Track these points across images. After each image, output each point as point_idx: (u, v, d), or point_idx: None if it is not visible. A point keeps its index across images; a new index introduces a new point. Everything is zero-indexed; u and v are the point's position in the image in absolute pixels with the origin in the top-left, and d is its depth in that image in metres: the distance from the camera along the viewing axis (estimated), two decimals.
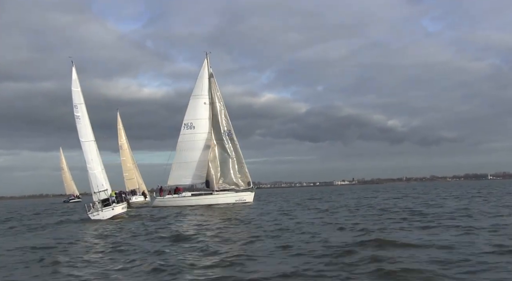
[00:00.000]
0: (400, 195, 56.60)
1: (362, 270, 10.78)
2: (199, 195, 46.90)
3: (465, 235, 15.74)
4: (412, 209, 29.05)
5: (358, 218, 23.69)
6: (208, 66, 48.72)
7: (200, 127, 47.64)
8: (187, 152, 47.75)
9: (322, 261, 12.05)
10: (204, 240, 16.82)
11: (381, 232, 17.12)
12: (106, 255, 14.74)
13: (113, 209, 31.84)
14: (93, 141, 33.12)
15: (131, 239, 18.72)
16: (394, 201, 40.27)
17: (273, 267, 11.44)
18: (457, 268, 10.52)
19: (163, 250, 14.78)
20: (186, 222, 26.49)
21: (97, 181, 32.39)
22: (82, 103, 32.83)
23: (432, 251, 12.66)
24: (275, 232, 18.71)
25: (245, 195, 46.38)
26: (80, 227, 26.45)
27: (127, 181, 63.97)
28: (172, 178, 48.18)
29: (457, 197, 44.64)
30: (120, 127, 64.99)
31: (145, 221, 27.97)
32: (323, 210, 32.06)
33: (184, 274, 11.16)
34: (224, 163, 47.05)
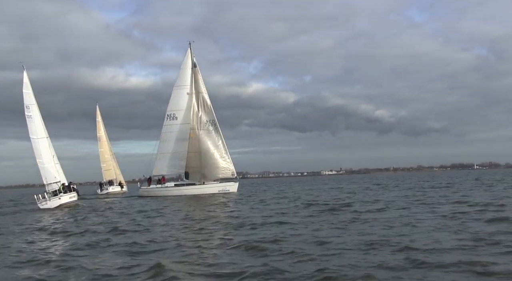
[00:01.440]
0: (365, 186, 56.74)
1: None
2: (181, 186, 47.02)
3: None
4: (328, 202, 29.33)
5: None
6: (192, 56, 48.50)
7: (183, 118, 47.58)
8: (170, 143, 47.84)
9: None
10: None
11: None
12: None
13: (60, 199, 34.85)
14: (45, 138, 36.27)
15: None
16: (344, 193, 40.37)
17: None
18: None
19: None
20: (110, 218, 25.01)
21: (47, 174, 35.33)
22: (34, 104, 36.11)
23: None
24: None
25: (229, 185, 46.53)
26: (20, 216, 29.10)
27: (105, 172, 65.51)
28: (156, 168, 48.51)
29: (408, 188, 45.09)
30: (98, 119, 66.72)
31: (81, 213, 28.62)
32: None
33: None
34: (207, 153, 46.88)
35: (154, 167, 48.60)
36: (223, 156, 47.05)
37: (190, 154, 47.01)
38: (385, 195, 34.86)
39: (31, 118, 35.59)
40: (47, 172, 35.53)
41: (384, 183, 63.81)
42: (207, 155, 46.86)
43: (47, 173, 35.51)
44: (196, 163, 47.00)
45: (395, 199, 29.51)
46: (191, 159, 47.02)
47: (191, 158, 47.01)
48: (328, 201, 30.00)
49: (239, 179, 48.87)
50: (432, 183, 54.79)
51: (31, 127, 35.56)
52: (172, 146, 47.72)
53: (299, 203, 29.15)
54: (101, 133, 66.42)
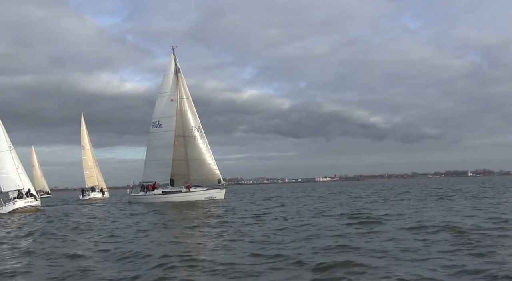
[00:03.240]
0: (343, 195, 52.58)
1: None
2: (169, 193, 46.65)
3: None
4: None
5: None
6: (175, 61, 48.11)
7: (167, 125, 47.16)
8: (157, 150, 47.54)
9: None
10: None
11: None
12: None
13: (14, 204, 37.50)
14: (8, 150, 39.54)
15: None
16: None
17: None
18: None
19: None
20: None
21: (9, 182, 38.67)
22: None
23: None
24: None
25: (215, 193, 46.12)
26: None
27: (87, 179, 69.07)
28: (145, 175, 48.35)
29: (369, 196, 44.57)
30: (83, 128, 70.07)
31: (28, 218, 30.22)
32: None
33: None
34: (192, 160, 46.45)
35: (142, 174, 48.45)
36: (210, 162, 46.62)
37: (175, 162, 46.47)
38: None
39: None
40: (10, 181, 38.76)
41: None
42: (193, 162, 46.38)
43: (9, 181, 38.75)
44: (181, 171, 46.51)
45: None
46: (176, 166, 46.53)
47: (176, 166, 46.51)
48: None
49: (226, 186, 48.45)
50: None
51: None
52: (159, 153, 47.33)
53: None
54: (85, 142, 69.81)
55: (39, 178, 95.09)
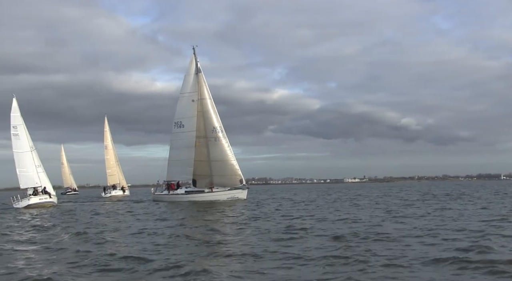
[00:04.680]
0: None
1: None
2: (191, 193, 46.93)
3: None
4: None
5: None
6: (196, 61, 48.11)
7: (189, 126, 47.32)
8: (179, 150, 47.78)
9: None
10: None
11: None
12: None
13: (29, 200, 41.89)
14: (29, 151, 43.93)
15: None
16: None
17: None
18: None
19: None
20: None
21: (28, 180, 43.03)
22: (21, 124, 44.15)
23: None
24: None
25: (238, 193, 46.15)
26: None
27: (109, 177, 71.69)
28: (168, 174, 48.87)
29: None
30: (106, 129, 72.98)
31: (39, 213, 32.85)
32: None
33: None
34: (214, 161, 46.48)
35: (166, 173, 48.94)
36: (232, 163, 46.65)
37: (196, 162, 46.74)
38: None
39: (18, 136, 43.68)
40: (29, 179, 43.13)
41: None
42: (215, 163, 46.40)
43: (28, 179, 43.11)
44: (203, 171, 46.66)
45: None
46: (198, 167, 46.76)
47: (198, 166, 46.76)
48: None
49: (248, 186, 48.37)
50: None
51: (16, 143, 43.57)
52: (181, 153, 47.56)
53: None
54: (107, 142, 72.79)
55: (67, 175, 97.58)
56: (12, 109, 44.17)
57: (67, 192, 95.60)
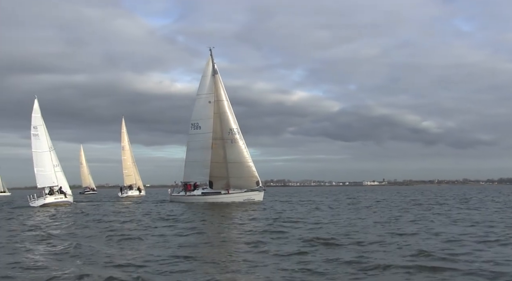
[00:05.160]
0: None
1: None
2: (208, 194, 46.96)
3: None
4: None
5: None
6: (213, 63, 48.00)
7: (206, 127, 47.27)
8: (196, 152, 47.85)
9: None
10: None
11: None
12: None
13: (44, 199, 43.39)
14: (48, 151, 45.53)
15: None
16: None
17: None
18: None
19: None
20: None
21: (45, 179, 44.54)
22: (41, 125, 45.62)
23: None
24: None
25: (254, 195, 46.04)
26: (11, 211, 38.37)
27: (126, 177, 73.15)
28: (185, 175, 48.98)
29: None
30: (123, 130, 74.37)
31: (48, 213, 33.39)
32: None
33: None
34: (230, 163, 46.32)
35: (183, 174, 49.08)
36: (248, 165, 46.51)
37: (213, 164, 46.59)
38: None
39: (37, 136, 45.12)
40: (46, 178, 44.64)
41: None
42: (232, 165, 46.25)
43: (45, 178, 44.61)
44: (219, 173, 46.53)
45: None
46: (214, 168, 46.62)
47: (214, 168, 46.62)
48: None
49: (264, 188, 48.20)
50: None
51: (36, 143, 44.95)
52: (197, 154, 47.63)
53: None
54: (124, 143, 74.30)
55: (85, 175, 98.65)
56: (34, 110, 45.72)
57: (85, 191, 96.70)
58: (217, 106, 46.93)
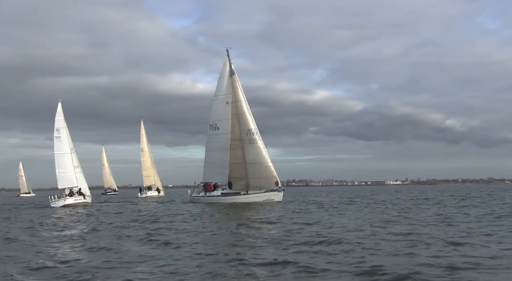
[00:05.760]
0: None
1: None
2: (228, 195, 47.02)
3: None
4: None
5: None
6: (230, 63, 47.89)
7: (224, 128, 47.30)
8: (215, 152, 47.97)
9: None
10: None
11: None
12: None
13: (64, 200, 45.57)
14: (69, 153, 47.51)
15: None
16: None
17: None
18: None
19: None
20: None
21: (66, 181, 46.72)
22: (64, 127, 47.62)
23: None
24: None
25: (273, 195, 45.92)
26: (32, 210, 41.73)
27: (145, 178, 75.14)
28: (204, 175, 49.20)
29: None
30: (142, 133, 75.80)
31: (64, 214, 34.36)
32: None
33: None
34: (249, 164, 46.20)
35: (202, 175, 49.30)
36: (267, 165, 46.37)
37: (232, 165, 46.58)
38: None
39: (60, 139, 47.20)
40: (67, 179, 46.81)
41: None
42: (251, 165, 46.13)
43: (66, 180, 46.79)
44: (238, 173, 46.50)
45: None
46: (234, 169, 46.62)
47: (233, 169, 46.61)
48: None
49: (283, 188, 48.04)
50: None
51: (58, 145, 47.15)
52: (216, 155, 47.71)
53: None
54: (143, 145, 76.01)
55: (107, 176, 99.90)
56: (57, 113, 47.73)
57: (107, 192, 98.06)
58: (235, 106, 46.87)
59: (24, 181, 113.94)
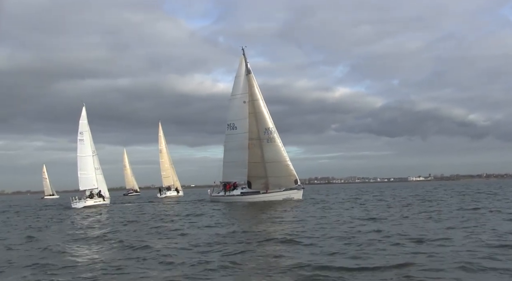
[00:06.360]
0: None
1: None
2: (247, 194, 47.12)
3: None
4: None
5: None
6: (246, 62, 47.82)
7: (241, 127, 47.31)
8: (233, 152, 48.01)
9: None
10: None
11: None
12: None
13: (85, 202, 47.36)
14: (91, 156, 49.31)
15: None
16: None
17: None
18: None
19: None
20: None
21: (87, 182, 48.61)
22: (87, 131, 49.33)
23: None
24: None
25: (293, 193, 45.81)
26: (55, 211, 43.62)
27: (164, 179, 76.73)
28: (224, 175, 49.34)
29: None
30: (160, 134, 77.61)
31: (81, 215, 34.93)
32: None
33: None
34: (268, 163, 46.11)
35: (222, 174, 49.50)
36: (286, 164, 46.21)
37: (251, 164, 46.56)
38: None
39: (83, 141, 48.89)
40: (88, 181, 48.70)
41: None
42: (270, 164, 46.02)
43: (87, 181, 48.65)
44: (257, 172, 46.46)
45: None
46: (252, 168, 46.58)
47: (252, 168, 46.58)
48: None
49: (303, 187, 47.89)
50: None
51: (81, 148, 48.91)
52: (235, 155, 47.71)
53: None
54: (162, 146, 77.62)
55: (129, 177, 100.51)
56: (81, 116, 49.38)
57: (128, 193, 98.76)
58: (252, 105, 46.78)
59: (48, 183, 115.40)
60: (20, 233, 21.73)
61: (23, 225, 27.18)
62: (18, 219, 32.78)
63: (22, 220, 31.54)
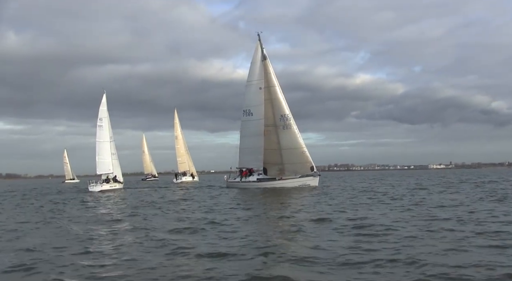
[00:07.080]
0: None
1: None
2: (263, 181, 47.09)
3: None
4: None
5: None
6: (261, 48, 47.48)
7: (257, 113, 47.02)
8: (249, 138, 47.82)
9: None
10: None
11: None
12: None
13: (101, 186, 49.14)
14: (108, 141, 51.08)
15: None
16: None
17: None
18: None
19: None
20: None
21: (103, 167, 50.46)
22: (106, 117, 51.08)
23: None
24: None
25: (309, 180, 45.67)
26: (73, 194, 45.65)
27: (180, 165, 78.87)
28: (240, 161, 49.39)
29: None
30: (176, 121, 79.86)
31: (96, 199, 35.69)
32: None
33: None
34: (284, 149, 45.91)
35: (238, 161, 49.55)
36: (302, 150, 45.95)
37: (267, 151, 46.42)
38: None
39: (102, 127, 50.52)
40: (104, 165, 50.50)
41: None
42: (286, 151, 45.79)
43: (104, 165, 50.44)
44: (273, 159, 46.29)
45: None
46: (269, 155, 46.43)
47: (268, 155, 46.42)
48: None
49: (319, 173, 47.68)
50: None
51: (100, 134, 50.54)
52: (251, 141, 47.54)
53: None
54: (177, 133, 79.78)
55: (147, 163, 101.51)
56: (101, 103, 50.98)
57: (147, 178, 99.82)
58: (268, 92, 46.47)
59: (69, 168, 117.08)
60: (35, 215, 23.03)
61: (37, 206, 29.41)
62: (35, 202, 34.14)
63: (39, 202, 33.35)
